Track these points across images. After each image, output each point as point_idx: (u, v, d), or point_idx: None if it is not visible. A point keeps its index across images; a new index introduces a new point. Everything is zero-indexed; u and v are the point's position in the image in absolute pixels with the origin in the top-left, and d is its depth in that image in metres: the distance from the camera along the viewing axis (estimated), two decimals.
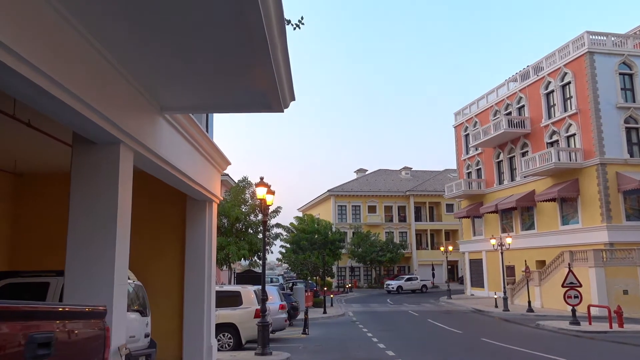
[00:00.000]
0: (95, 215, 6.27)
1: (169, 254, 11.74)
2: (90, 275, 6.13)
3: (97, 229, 6.25)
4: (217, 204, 12.41)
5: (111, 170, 6.37)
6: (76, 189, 6.33)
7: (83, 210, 6.29)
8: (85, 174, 6.37)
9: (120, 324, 6.25)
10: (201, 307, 11.41)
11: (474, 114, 44.87)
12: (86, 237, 6.22)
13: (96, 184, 6.34)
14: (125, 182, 6.59)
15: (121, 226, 6.42)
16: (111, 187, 6.34)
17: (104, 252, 6.19)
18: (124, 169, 6.55)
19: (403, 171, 72.44)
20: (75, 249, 6.20)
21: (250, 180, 27.54)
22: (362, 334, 19.86)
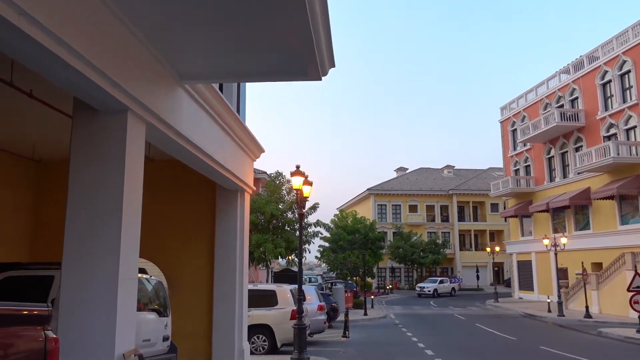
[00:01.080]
0: (98, 197, 5.28)
1: (198, 248, 10.78)
2: (92, 268, 5.14)
3: (100, 213, 5.25)
4: (249, 194, 11.38)
5: (117, 144, 5.36)
6: (76, 167, 5.36)
7: (84, 191, 5.31)
8: (86, 149, 5.39)
9: (126, 326, 5.23)
10: (232, 306, 10.40)
11: (521, 107, 42.63)
12: (87, 223, 5.23)
13: (100, 160, 5.35)
14: (135, 158, 5.57)
15: (129, 210, 5.41)
16: (117, 163, 5.33)
17: (108, 240, 5.19)
18: (133, 142, 5.53)
19: (445, 169, 70.22)
20: (74, 236, 5.22)
21: (286, 175, 26.54)
22: (406, 338, 18.51)
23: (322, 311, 16.54)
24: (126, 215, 5.30)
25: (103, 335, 5.00)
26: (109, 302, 5.05)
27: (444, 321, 25.31)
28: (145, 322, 6.33)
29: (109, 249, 5.15)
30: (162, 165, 11.03)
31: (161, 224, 10.86)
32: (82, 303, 5.06)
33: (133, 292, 5.45)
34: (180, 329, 10.46)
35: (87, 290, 5.07)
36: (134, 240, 5.53)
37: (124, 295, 5.18)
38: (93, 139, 5.38)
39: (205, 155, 8.00)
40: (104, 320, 5.02)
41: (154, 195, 11.02)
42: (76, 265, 5.13)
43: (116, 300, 5.05)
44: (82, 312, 5.04)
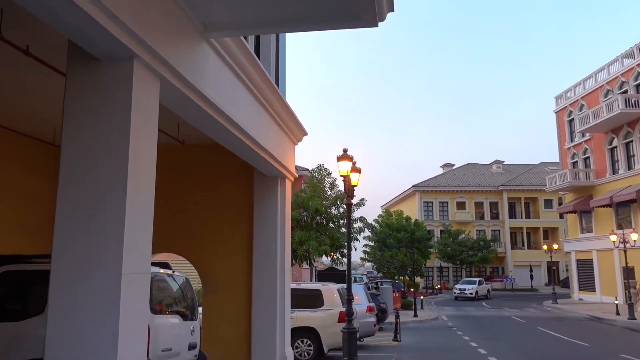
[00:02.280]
0: (96, 167, 4.11)
1: (234, 242, 9.62)
2: (87, 259, 3.97)
3: (98, 188, 4.07)
4: (291, 182, 10.14)
5: (120, 99, 4.18)
6: (69, 132, 4.20)
7: (79, 161, 4.15)
8: (82, 107, 4.23)
9: (133, 333, 4.03)
10: (273, 308, 9.18)
11: (579, 96, 39.89)
12: (82, 201, 4.07)
13: (98, 121, 4.18)
14: (144, 118, 4.37)
15: (137, 185, 4.21)
16: (120, 124, 4.14)
17: (109, 223, 4.00)
18: (142, 98, 4.33)
19: (494, 165, 67.36)
20: (66, 218, 4.07)
21: (328, 168, 25.27)
22: (463, 342, 16.89)
23: (372, 312, 15.14)
24: (132, 190, 4.10)
25: (101, 346, 3.83)
26: (109, 303, 3.87)
27: (501, 324, 23.43)
28: (165, 328, 5.18)
29: (109, 234, 3.97)
30: (193, 150, 9.95)
31: (193, 215, 9.78)
32: (74, 304, 3.90)
33: (143, 290, 4.25)
34: (215, 333, 9.34)
35: (81, 288, 3.91)
36: (143, 224, 4.33)
37: (129, 295, 3.99)
38: (90, 95, 4.21)
39: (240, 130, 6.79)
40: (103, 326, 3.84)
41: (185, 182, 9.96)
42: (68, 256, 3.97)
43: (118, 301, 3.86)
44: (75, 316, 3.88)
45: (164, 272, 5.87)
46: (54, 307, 3.91)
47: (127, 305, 3.94)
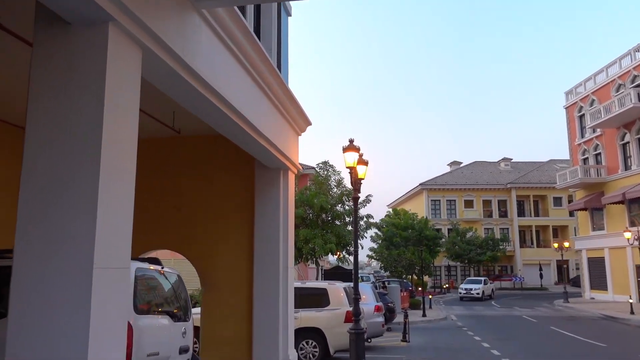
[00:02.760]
0: (62, 153, 3.57)
1: (234, 237, 9.09)
2: (52, 253, 3.44)
3: (64, 175, 3.54)
4: (294, 174, 9.60)
5: (93, 67, 3.64)
6: (34, 110, 3.67)
7: (43, 144, 3.62)
8: (49, 79, 3.69)
9: (106, 337, 3.50)
10: (275, 307, 8.64)
11: (590, 90, 39.12)
12: (47, 190, 3.54)
13: (66, 96, 3.65)
14: (120, 92, 3.83)
15: (111, 171, 3.67)
16: (92, 100, 3.61)
17: (77, 213, 3.47)
18: (119, 68, 3.80)
19: (502, 162, 66.54)
20: (29, 209, 3.54)
21: (334, 165, 24.68)
22: (475, 343, 16.28)
23: (380, 312, 14.56)
24: (107, 175, 3.57)
25: (69, 348, 3.30)
26: (78, 300, 3.34)
27: (513, 324, 22.79)
28: (151, 330, 4.64)
29: (79, 224, 3.43)
30: (191, 141, 9.43)
31: (191, 210, 9.26)
32: (38, 302, 3.37)
33: (121, 286, 3.71)
34: (214, 334, 8.81)
35: (45, 284, 3.38)
36: (121, 213, 3.80)
37: (103, 291, 3.46)
38: (59, 65, 3.68)
39: (237, 114, 6.25)
40: (71, 326, 3.31)
41: (183, 176, 9.43)
42: (31, 248, 3.44)
43: (89, 298, 3.33)
44: (39, 314, 3.35)
45: (153, 268, 5.35)
46: (15, 305, 3.38)
47: (100, 303, 3.41)
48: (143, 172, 9.72)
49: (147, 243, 9.25)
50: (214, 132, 9.28)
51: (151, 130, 8.85)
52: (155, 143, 9.40)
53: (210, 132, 9.23)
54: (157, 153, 9.40)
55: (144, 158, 9.67)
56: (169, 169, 9.34)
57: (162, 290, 5.38)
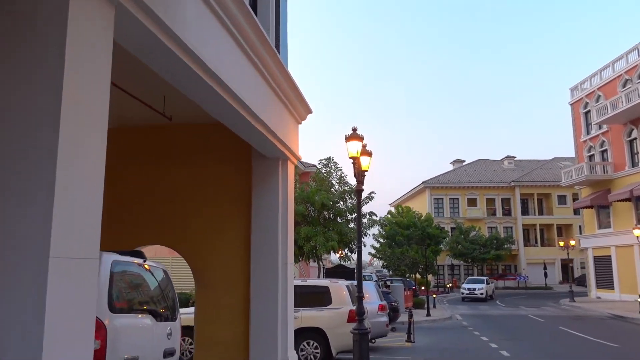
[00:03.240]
0: (16, 118, 3.02)
1: (230, 232, 8.54)
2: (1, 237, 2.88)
3: (17, 144, 2.99)
4: (294, 165, 9.04)
5: (50, 27, 3.08)
6: None
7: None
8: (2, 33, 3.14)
9: (67, 337, 2.94)
10: (274, 306, 8.08)
11: (595, 86, 38.50)
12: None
13: (17, 59, 3.09)
14: (85, 55, 3.27)
15: (73, 142, 3.11)
16: (49, 65, 3.05)
17: (32, 190, 2.91)
18: (82, 26, 3.23)
19: (505, 161, 65.89)
20: None
21: (337, 162, 24.09)
22: (482, 344, 15.71)
23: (384, 312, 13.99)
24: (67, 146, 3.01)
25: (20, 351, 2.75)
26: (30, 294, 2.78)
27: (519, 323, 22.21)
28: (129, 331, 4.08)
29: (32, 206, 2.88)
30: (184, 130, 8.88)
31: (184, 203, 8.70)
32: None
33: (86, 280, 3.15)
34: (209, 335, 8.26)
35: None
36: (86, 197, 3.23)
37: (63, 286, 2.90)
38: (5, 22, 3.12)
39: (231, 94, 5.70)
40: (22, 324, 2.76)
41: (175, 167, 8.87)
42: None
43: (44, 294, 2.78)
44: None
45: (136, 262, 4.79)
46: None
47: (59, 298, 2.85)
48: (135, 162, 9.21)
49: (140, 237, 8.71)
50: (208, 120, 8.73)
51: (141, 118, 8.31)
52: (147, 132, 8.86)
53: (204, 120, 8.68)
54: (149, 142, 8.86)
55: (135, 147, 9.18)
56: (161, 159, 8.79)
57: (145, 287, 4.83)
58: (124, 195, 8.68)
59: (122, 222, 8.63)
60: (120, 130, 8.82)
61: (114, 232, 8.84)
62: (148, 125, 8.78)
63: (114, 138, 9.15)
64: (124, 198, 8.69)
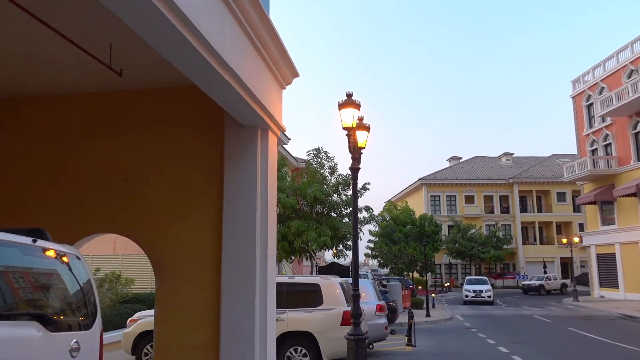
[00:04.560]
0: None
1: (198, 217, 7.03)
2: None
3: None
4: (276, 137, 7.54)
5: None
6: None
7: None
8: None
9: None
10: (250, 306, 6.58)
11: (599, 78, 37.21)
12: None
13: None
14: None
15: None
16: None
17: None
18: None
19: (503, 157, 64.63)
20: None
21: (328, 152, 22.50)
22: (490, 347, 14.26)
23: (382, 313, 12.48)
24: None
25: None
26: None
27: (525, 324, 20.80)
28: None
29: None
30: (141, 96, 7.34)
31: (142, 184, 7.18)
32: None
33: None
34: (171, 341, 6.74)
35: None
36: None
37: None
38: None
39: (199, 39, 4.24)
40: None
41: (132, 140, 7.33)
42: None
43: None
44: None
45: (22, 243, 3.25)
46: None
47: None
48: (80, 136, 7.68)
49: (89, 225, 7.20)
50: (167, 82, 7.27)
51: (83, 77, 6.80)
52: (95, 99, 7.34)
53: (163, 83, 7.22)
54: (97, 112, 7.33)
55: (80, 118, 7.65)
56: (114, 133, 7.26)
57: (34, 281, 3.31)
58: (67, 175, 7.18)
59: (68, 207, 7.13)
60: (61, 98, 7.32)
61: (59, 219, 7.37)
62: (96, 91, 7.28)
63: (50, 107, 7.72)
64: (68, 179, 7.18)
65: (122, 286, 13.83)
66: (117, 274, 13.88)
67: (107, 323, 12.84)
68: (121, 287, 13.82)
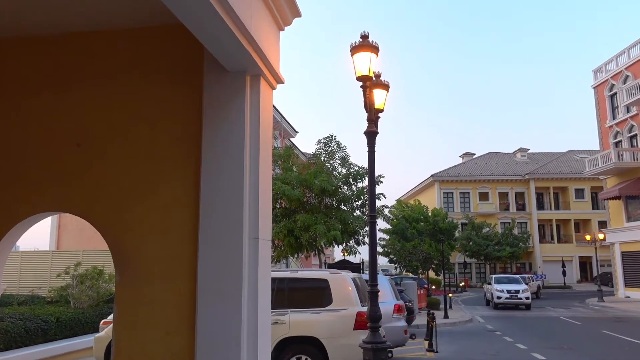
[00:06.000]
0: None
1: (169, 190, 5.43)
2: None
3: None
4: (271, 88, 5.91)
5: None
6: None
7: None
8: None
9: None
10: (235, 304, 4.92)
11: (623, 66, 35.27)
12: None
13: None
14: None
15: None
16: None
17: None
18: None
19: (518, 153, 62.66)
20: None
21: (339, 141, 20.85)
22: (522, 353, 12.58)
23: (401, 314, 10.82)
24: None
25: None
26: None
27: (553, 327, 19.04)
28: None
29: None
30: (94, 38, 5.79)
31: (98, 146, 5.59)
32: None
33: None
34: (135, 350, 5.17)
35: None
36: None
37: None
38: None
39: None
40: None
41: (87, 94, 5.74)
42: None
43: None
44: None
45: None
46: None
47: None
48: (15, 88, 6.11)
49: (32, 202, 5.63)
50: (133, 23, 5.71)
51: (16, 11, 5.21)
52: (37, 43, 5.77)
53: (129, 23, 5.65)
54: (41, 57, 5.75)
55: (14, 65, 6.08)
56: (62, 81, 5.68)
57: None
58: (2, 141, 5.61)
59: (6, 181, 5.56)
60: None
61: None
62: (38, 34, 5.70)
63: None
64: (5, 145, 5.61)
65: (105, 283, 12.33)
66: (99, 269, 12.38)
67: (85, 325, 11.34)
68: (105, 284, 12.32)
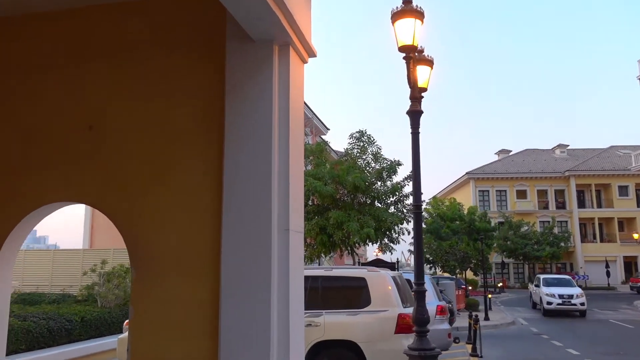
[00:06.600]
0: None
1: (187, 176, 4.85)
2: None
3: None
4: (303, 62, 5.25)
5: None
6: None
7: None
8: None
9: None
10: (264, 304, 4.25)
11: None
12: None
13: None
14: None
15: None
16: None
17: None
18: None
19: (557, 149, 60.54)
20: None
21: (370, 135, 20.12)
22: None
23: (444, 316, 10.04)
24: None
25: None
26: None
27: (604, 330, 17.90)
28: None
29: None
30: (108, 11, 5.27)
31: (109, 130, 5.05)
32: None
33: None
34: (151, 354, 4.60)
35: None
36: None
37: None
38: None
39: None
40: None
41: (100, 75, 5.18)
42: None
43: None
44: None
45: None
46: None
47: None
48: (22, 67, 5.56)
49: (43, 190, 5.11)
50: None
51: None
52: (45, 19, 5.25)
53: None
54: (50, 35, 5.22)
55: (22, 44, 5.53)
56: (70, 59, 5.15)
57: None
58: (10, 125, 5.11)
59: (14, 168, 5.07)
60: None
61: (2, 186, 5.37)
62: (46, 10, 5.17)
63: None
64: (12, 130, 5.11)
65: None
66: (126, 267, 12.00)
67: (111, 325, 10.95)
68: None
